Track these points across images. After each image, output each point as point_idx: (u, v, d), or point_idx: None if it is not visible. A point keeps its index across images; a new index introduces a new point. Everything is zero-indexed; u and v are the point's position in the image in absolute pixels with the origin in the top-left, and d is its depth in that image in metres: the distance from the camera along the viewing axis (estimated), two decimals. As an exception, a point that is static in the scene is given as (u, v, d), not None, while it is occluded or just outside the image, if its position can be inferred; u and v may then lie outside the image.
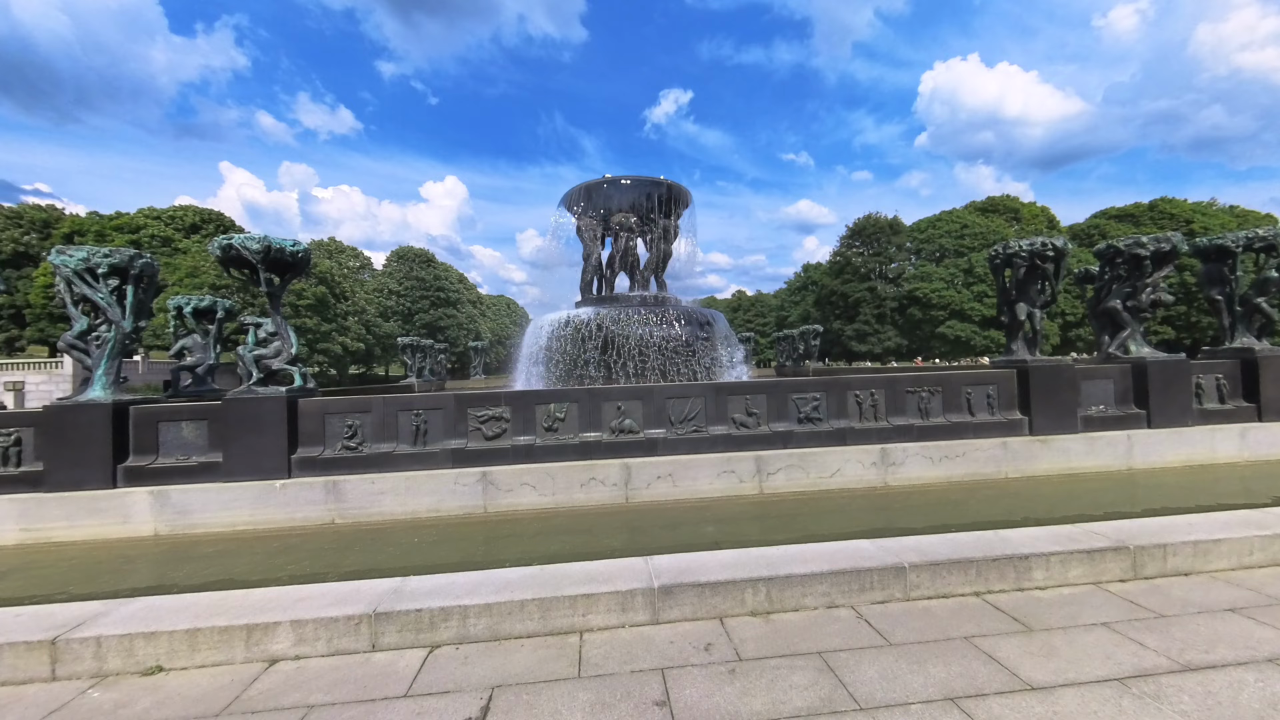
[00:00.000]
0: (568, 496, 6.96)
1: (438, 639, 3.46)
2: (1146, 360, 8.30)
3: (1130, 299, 8.64)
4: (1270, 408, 8.50)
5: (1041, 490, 7.34)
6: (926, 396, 8.06)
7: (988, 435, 7.92)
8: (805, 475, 7.38)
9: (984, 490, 7.37)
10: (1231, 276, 8.90)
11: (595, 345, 13.50)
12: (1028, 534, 4.35)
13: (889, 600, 3.82)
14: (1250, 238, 8.71)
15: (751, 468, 7.28)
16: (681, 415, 7.60)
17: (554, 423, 7.37)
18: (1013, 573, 3.94)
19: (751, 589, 3.71)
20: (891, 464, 7.54)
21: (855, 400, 7.93)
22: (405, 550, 5.83)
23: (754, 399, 7.76)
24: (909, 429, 7.88)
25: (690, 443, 7.48)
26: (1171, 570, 4.10)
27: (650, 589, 3.61)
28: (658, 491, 7.10)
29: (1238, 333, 8.91)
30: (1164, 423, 8.23)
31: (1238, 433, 8.24)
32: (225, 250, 6.72)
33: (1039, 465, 7.79)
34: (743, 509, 6.94)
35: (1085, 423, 8.19)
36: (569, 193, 17.16)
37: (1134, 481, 7.57)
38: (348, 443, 7.00)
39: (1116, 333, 8.82)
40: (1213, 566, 4.14)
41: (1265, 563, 4.20)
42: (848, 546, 4.21)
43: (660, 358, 13.34)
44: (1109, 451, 7.94)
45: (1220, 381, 8.60)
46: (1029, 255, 8.10)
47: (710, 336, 14.73)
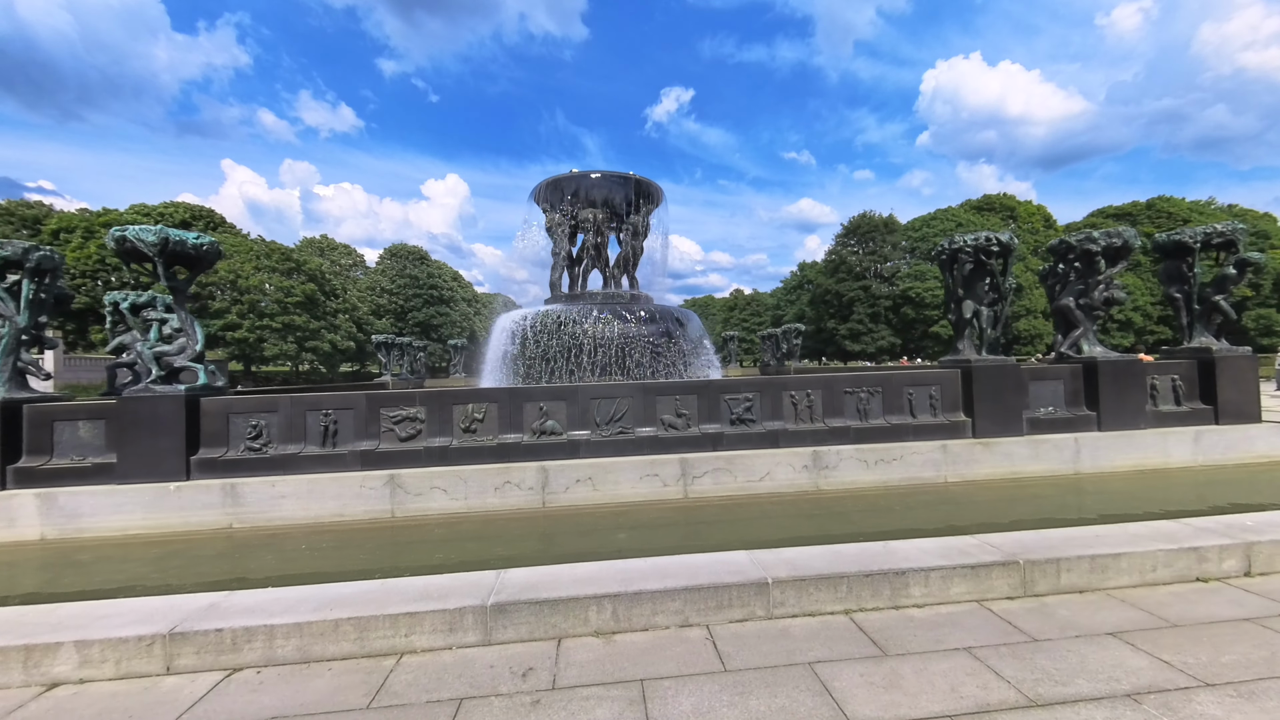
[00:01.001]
0: (481, 501, 6.67)
1: (241, 661, 3.17)
2: (1097, 360, 7.98)
3: (1083, 297, 8.31)
4: (1227, 410, 8.17)
5: (979, 496, 7.02)
6: (865, 397, 7.75)
7: (928, 438, 7.61)
8: (733, 479, 7.08)
9: (919, 496, 7.06)
10: (1190, 274, 8.57)
11: (558, 343, 13.21)
12: (916, 546, 4.04)
13: (749, 619, 3.52)
14: (1209, 233, 8.37)
15: (676, 471, 6.98)
16: (608, 416, 7.30)
17: (472, 424, 7.08)
18: (888, 589, 3.64)
19: (597, 607, 3.41)
20: (824, 467, 7.23)
21: (790, 401, 7.62)
22: (291, 558, 5.54)
23: (684, 400, 7.46)
24: (845, 431, 7.57)
25: (615, 445, 7.18)
26: (1066, 587, 3.79)
27: (482, 607, 3.32)
28: (577, 496, 6.81)
29: (1196, 332, 8.57)
30: (1115, 425, 7.91)
31: (1192, 436, 7.91)
32: (120, 243, 6.44)
33: (980, 469, 7.48)
34: (664, 514, 6.64)
35: (1032, 425, 7.88)
36: (537, 186, 16.84)
37: (1078, 487, 7.25)
38: (251, 444, 6.71)
39: (1069, 331, 8.49)
40: (1111, 583, 3.83)
41: (1170, 579, 3.89)
42: (718, 559, 3.91)
43: (625, 356, 13.04)
44: (1055, 455, 7.62)
45: (1176, 382, 8.28)
46: (974, 251, 7.78)
47: (679, 335, 14.42)
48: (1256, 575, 3.95)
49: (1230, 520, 4.41)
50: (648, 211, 17.83)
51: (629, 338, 13.18)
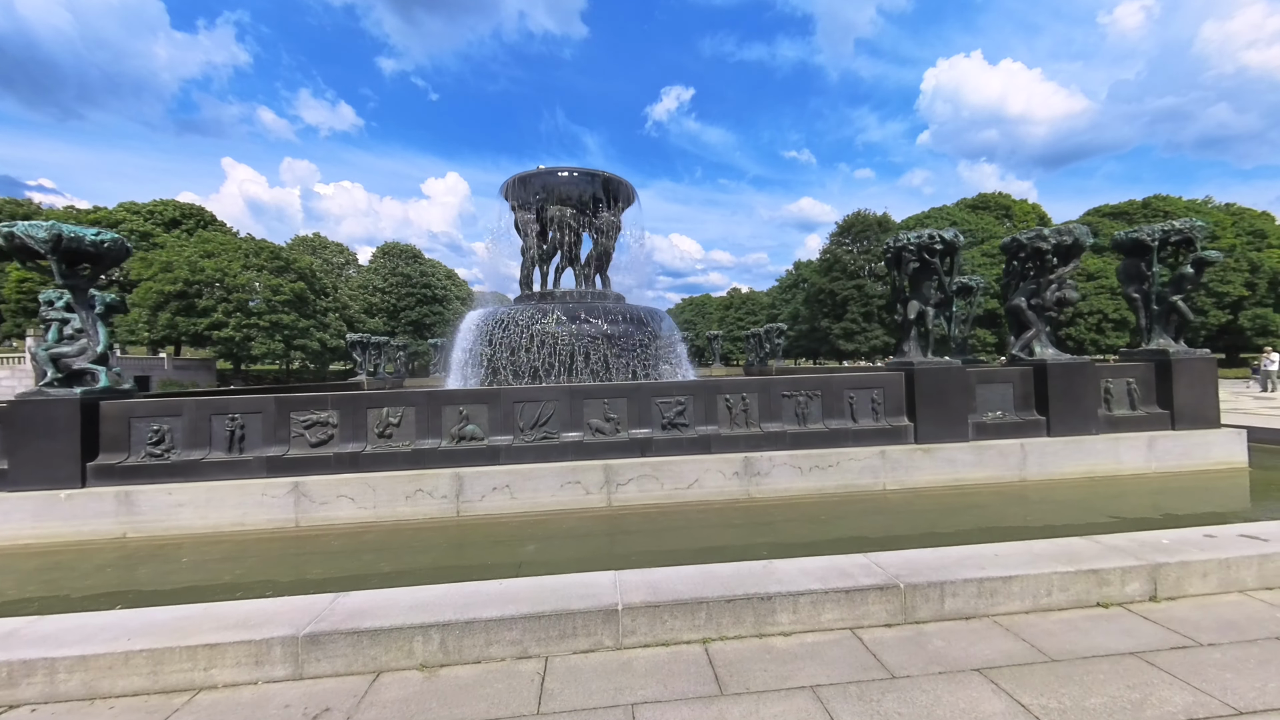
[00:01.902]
0: (391, 510, 6.38)
1: (19, 697, 2.88)
2: (1047, 363, 7.66)
3: (1034, 296, 7.99)
4: (1183, 414, 7.85)
5: (916, 505, 6.72)
6: (804, 401, 7.45)
7: (868, 443, 7.30)
8: (659, 486, 6.78)
9: (852, 505, 6.75)
10: (1149, 273, 8.23)
11: (520, 343, 12.93)
12: (798, 566, 3.74)
13: (595, 649, 3.22)
14: (1166, 231, 8.04)
15: (599, 478, 6.69)
16: (532, 420, 7.00)
17: (387, 429, 6.78)
18: (751, 616, 3.34)
19: (423, 637, 3.12)
20: (755, 474, 6.93)
21: (725, 405, 7.32)
22: (170, 572, 5.25)
23: (614, 403, 7.16)
24: (781, 436, 7.26)
25: (538, 450, 6.89)
26: (950, 613, 3.49)
27: (294, 638, 3.03)
28: (493, 504, 6.52)
29: (1154, 333, 8.24)
30: (1065, 430, 7.60)
31: (1145, 442, 7.60)
32: (9, 239, 6.15)
33: (920, 477, 7.17)
34: (582, 524, 6.34)
35: (979, 430, 7.57)
36: (506, 183, 16.53)
37: (1022, 496, 6.94)
38: (153, 449, 6.43)
39: (1021, 333, 8.17)
40: (1001, 609, 3.53)
41: (1066, 604, 3.59)
42: (578, 581, 3.61)
43: (588, 356, 12.75)
44: (1000, 462, 7.31)
45: (1132, 386, 7.96)
46: (917, 249, 7.46)
47: (646, 335, 14.12)
48: (1162, 600, 3.65)
49: (1145, 538, 4.10)
50: (618, 210, 17.52)
51: (591, 337, 12.88)
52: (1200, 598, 3.66)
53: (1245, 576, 3.75)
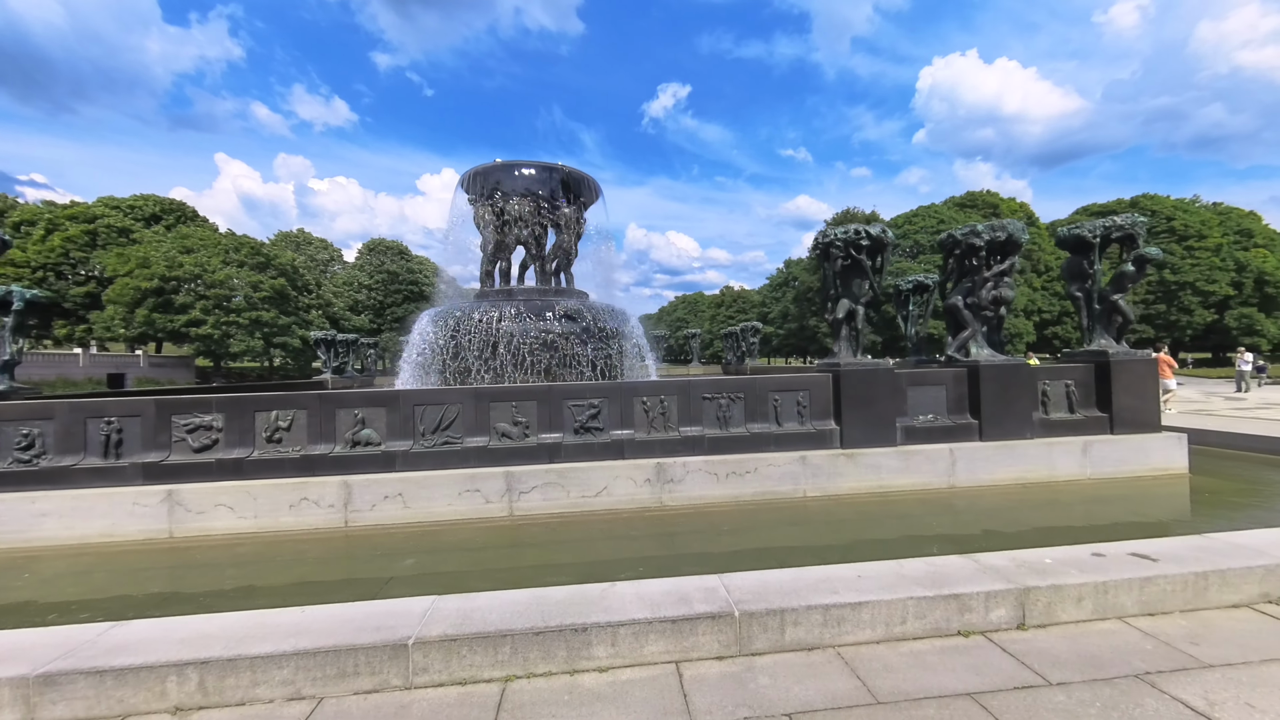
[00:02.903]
0: (273, 519, 6.01)
1: None
2: (980, 364, 7.35)
3: (970, 295, 7.68)
4: (1122, 418, 7.56)
5: (834, 514, 6.40)
6: (726, 403, 7.11)
7: (790, 448, 6.98)
8: (565, 494, 6.43)
9: (767, 513, 6.43)
10: (1091, 271, 7.93)
11: (473, 342, 12.54)
12: (636, 590, 3.40)
13: (380, 689, 2.88)
14: (1108, 227, 7.74)
15: (500, 486, 6.34)
16: (434, 425, 6.64)
17: (276, 433, 6.41)
18: (564, 650, 3.00)
19: (178, 676, 2.77)
20: (668, 481, 6.59)
21: (642, 407, 6.98)
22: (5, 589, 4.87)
23: (523, 406, 6.80)
24: (699, 441, 6.93)
25: (438, 456, 6.53)
26: (791, 644, 3.16)
27: (24, 678, 2.67)
28: (384, 514, 6.16)
29: (1095, 333, 7.94)
30: (998, 435, 7.30)
31: (1080, 447, 7.30)
32: None
33: (843, 484, 6.86)
34: (477, 535, 5.99)
35: (908, 434, 7.26)
36: (463, 176, 16.13)
37: (947, 505, 6.62)
38: (20, 455, 6.04)
39: (958, 332, 7.86)
40: (849, 638, 3.20)
41: (922, 633, 3.26)
42: (385, 608, 3.26)
43: (543, 356, 12.37)
44: (928, 468, 7.00)
45: (1070, 388, 7.66)
46: (844, 245, 7.13)
47: (604, 334, 13.76)
48: (1030, 628, 3.33)
49: (1028, 557, 3.78)
50: (581, 206, 17.16)
51: (542, 336, 12.51)
52: (1072, 625, 3.35)
53: (1125, 601, 3.44)
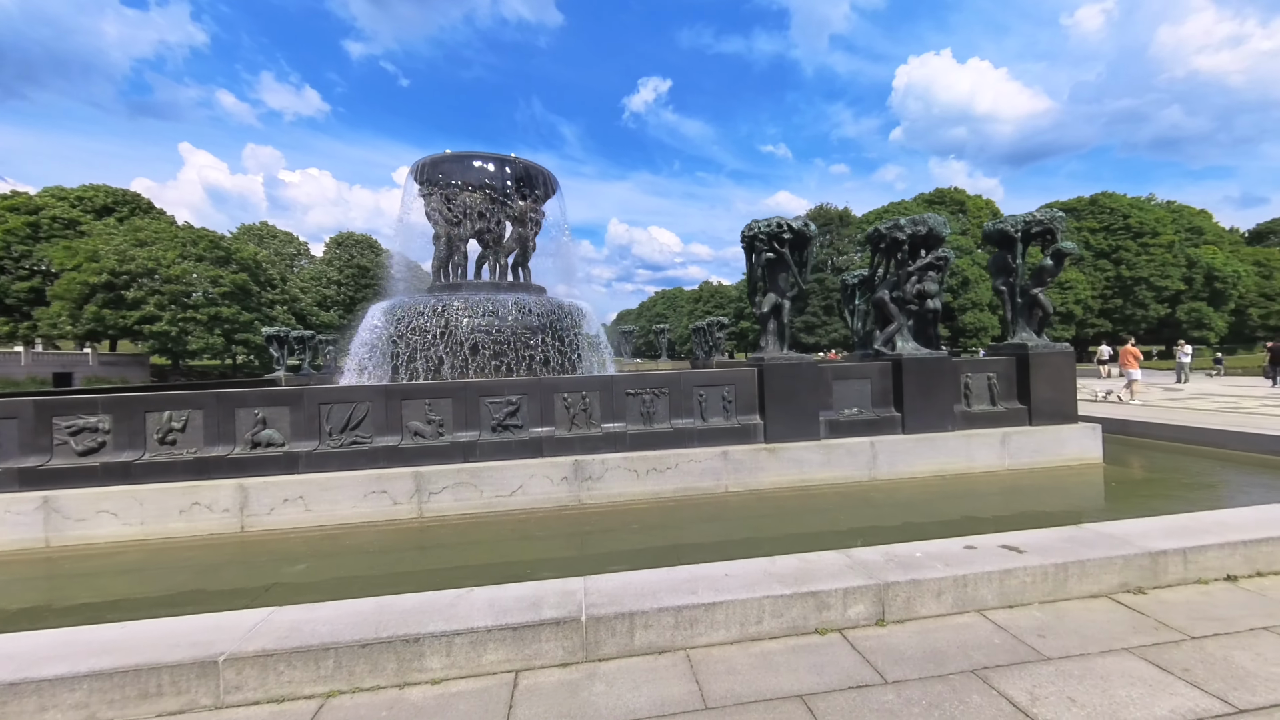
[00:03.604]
0: (162, 526, 5.70)
1: None
2: (903, 358, 7.40)
3: (896, 289, 7.72)
4: (1040, 410, 7.71)
5: (753, 508, 6.37)
6: (650, 399, 7.01)
7: (714, 443, 6.92)
8: (478, 494, 6.26)
9: (687, 510, 6.36)
10: (1014, 265, 8.05)
11: (422, 337, 12.19)
12: (488, 597, 3.26)
13: (188, 710, 2.68)
14: (1029, 222, 7.86)
15: (409, 487, 6.13)
16: (342, 424, 6.39)
17: (169, 434, 6.08)
18: (394, 662, 2.85)
19: (-49, 705, 2.53)
20: (586, 479, 6.47)
21: (564, 404, 6.83)
22: None
23: (437, 404, 6.59)
24: (621, 437, 6.82)
25: (345, 457, 6.28)
26: (641, 648, 3.07)
27: None
28: (285, 518, 5.90)
29: (1018, 327, 8.08)
30: (919, 428, 7.36)
31: (998, 438, 7.42)
32: None
33: (765, 478, 6.83)
34: (381, 538, 5.78)
35: (832, 428, 7.27)
36: (414, 166, 15.66)
37: (865, 498, 6.65)
38: (-123, 462, 5.60)
39: (885, 326, 7.90)
40: (701, 640, 3.12)
41: (779, 632, 3.20)
42: (208, 623, 3.06)
43: (492, 352, 12.09)
44: (849, 462, 7.02)
45: (992, 381, 7.77)
46: (767, 239, 7.08)
47: (558, 330, 13.52)
48: (889, 623, 3.30)
49: (898, 551, 3.76)
50: (538, 199, 16.85)
51: (493, 331, 12.23)
52: (931, 620, 3.33)
53: (985, 594, 3.44)
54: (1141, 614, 3.32)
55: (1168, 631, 3.12)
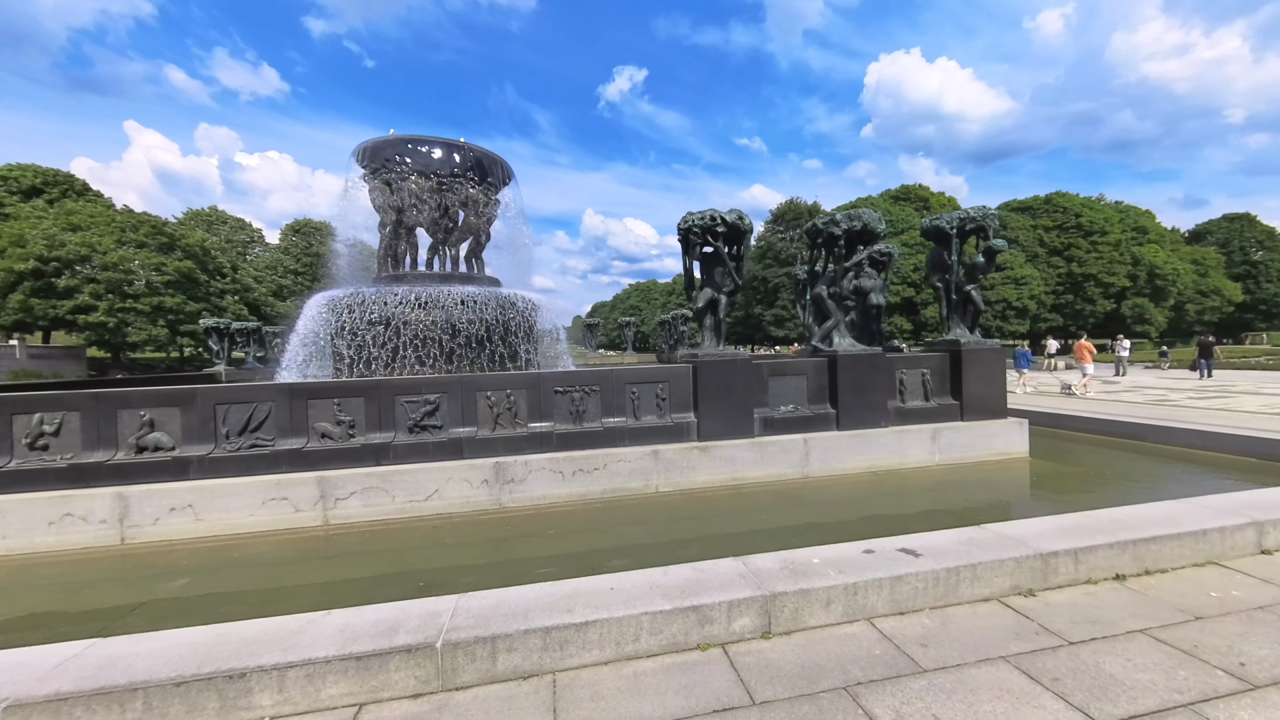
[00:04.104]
0: (27, 540, 5.18)
1: None
2: (838, 354, 7.35)
3: (833, 285, 7.66)
4: (972, 405, 7.81)
5: (681, 509, 6.22)
6: (581, 397, 6.77)
7: (646, 442, 6.74)
8: (390, 500, 5.92)
9: (614, 512, 6.18)
10: (950, 261, 8.11)
11: (364, 331, 11.57)
12: (341, 622, 2.98)
13: (-43, 768, 2.33)
14: (963, 219, 7.90)
15: (312, 492, 5.74)
16: (240, 425, 5.93)
17: (40, 439, 5.52)
18: (215, 701, 2.55)
19: None
20: (509, 481, 6.21)
21: (487, 403, 6.53)
22: None
23: (348, 403, 6.20)
24: (548, 437, 6.57)
25: (243, 461, 5.84)
26: (506, 673, 2.84)
27: None
28: (171, 528, 5.44)
29: (953, 323, 8.16)
30: (854, 424, 7.35)
31: (930, 434, 7.48)
32: None
33: (697, 477, 6.70)
34: (277, 548, 5.39)
35: (768, 425, 7.19)
36: (357, 150, 14.85)
37: (795, 496, 6.59)
38: None
39: (823, 322, 7.85)
40: (572, 662, 2.92)
41: (658, 649, 3.03)
42: (10, 659, 2.69)
43: (438, 345, 11.57)
44: (782, 459, 6.96)
45: (926, 377, 7.82)
46: (701, 232, 6.89)
47: (508, 323, 13.06)
48: (775, 635, 3.17)
49: (795, 557, 3.64)
50: (491, 187, 16.27)
51: (438, 325, 11.71)
52: (818, 630, 3.21)
53: (875, 602, 3.34)
54: (1026, 618, 3.28)
55: (1047, 637, 3.08)
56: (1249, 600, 3.41)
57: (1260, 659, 2.80)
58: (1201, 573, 3.79)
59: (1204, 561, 3.92)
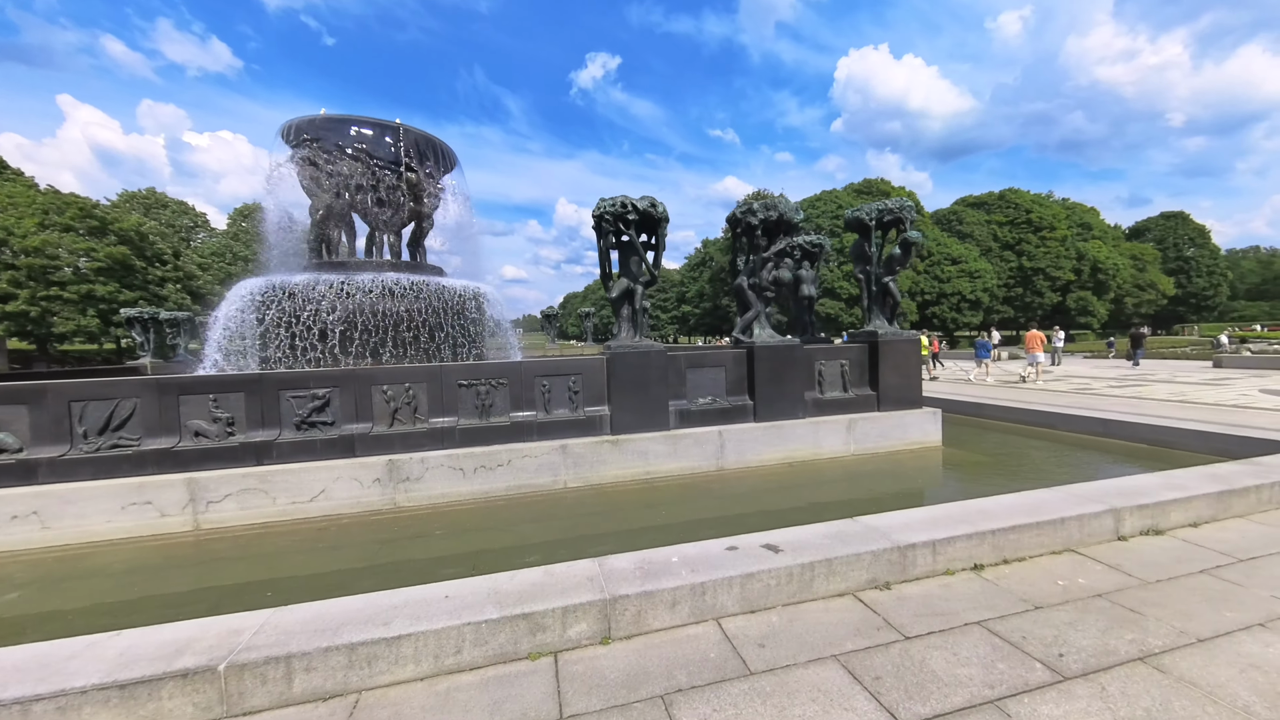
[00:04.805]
0: None
1: None
2: (755, 345, 7.30)
3: (753, 275, 7.59)
4: (888, 396, 7.91)
5: (587, 505, 6.07)
6: (487, 391, 6.51)
7: (557, 436, 6.55)
8: (271, 501, 5.55)
9: (516, 509, 5.97)
10: (870, 253, 8.16)
11: (289, 320, 10.90)
12: (120, 646, 2.69)
13: None
14: (881, 210, 7.95)
15: (180, 496, 5.33)
16: (100, 424, 5.44)
17: None
18: (-64, 744, 2.24)
19: None
20: (404, 480, 5.92)
21: (384, 398, 6.19)
22: None
23: (226, 399, 5.77)
24: (450, 433, 6.29)
25: (105, 463, 5.36)
26: (303, 695, 2.61)
27: None
28: (13, 538, 4.96)
29: (873, 314, 8.23)
30: (771, 415, 7.33)
31: (845, 425, 7.54)
32: None
33: (607, 472, 6.56)
34: (137, 556, 4.97)
35: (685, 418, 7.09)
36: (283, 128, 13.94)
37: (705, 489, 6.52)
38: None
39: (745, 313, 7.78)
40: (384, 679, 2.71)
41: (483, 661, 2.85)
42: None
43: (372, 336, 11.01)
44: (696, 452, 6.88)
45: (844, 368, 7.87)
46: (613, 220, 6.67)
47: (452, 312, 12.56)
48: (616, 640, 3.03)
49: (654, 557, 3.51)
50: (432, 173, 15.59)
51: (375, 314, 11.15)
52: (660, 634, 3.10)
53: (725, 601, 3.25)
54: (874, 612, 3.25)
55: (887, 632, 3.04)
56: (1091, 587, 3.47)
57: (1080, 649, 2.82)
58: (1057, 561, 3.86)
59: (1061, 549, 3.99)
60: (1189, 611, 3.14)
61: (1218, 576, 3.56)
